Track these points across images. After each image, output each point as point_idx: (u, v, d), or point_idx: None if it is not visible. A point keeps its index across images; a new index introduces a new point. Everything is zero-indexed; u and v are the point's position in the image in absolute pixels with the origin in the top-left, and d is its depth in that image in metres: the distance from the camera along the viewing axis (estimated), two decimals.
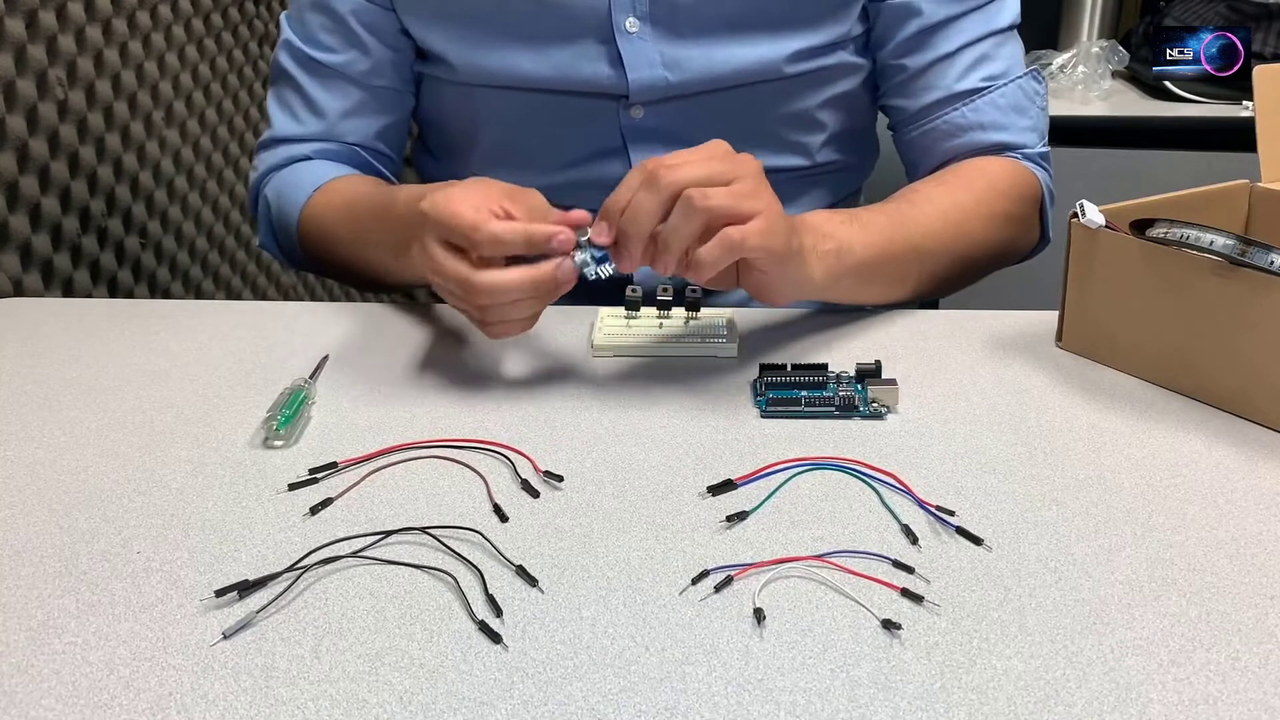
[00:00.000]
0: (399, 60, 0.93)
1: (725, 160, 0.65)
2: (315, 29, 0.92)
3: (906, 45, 0.89)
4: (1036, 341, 0.75)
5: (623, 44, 0.86)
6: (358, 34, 0.90)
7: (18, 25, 0.99)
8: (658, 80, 0.87)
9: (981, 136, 0.89)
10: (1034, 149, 0.90)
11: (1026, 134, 0.90)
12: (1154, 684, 0.44)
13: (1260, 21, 1.60)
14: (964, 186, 0.85)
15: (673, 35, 0.87)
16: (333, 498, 0.57)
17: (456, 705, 0.43)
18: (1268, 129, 0.77)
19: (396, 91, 0.94)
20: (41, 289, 1.02)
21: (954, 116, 0.89)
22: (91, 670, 0.45)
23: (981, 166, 0.87)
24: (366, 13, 0.90)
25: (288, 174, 0.93)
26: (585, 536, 0.54)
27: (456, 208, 0.65)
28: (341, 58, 0.91)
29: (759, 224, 0.63)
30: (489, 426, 0.65)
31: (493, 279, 0.64)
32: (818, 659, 0.45)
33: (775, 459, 0.60)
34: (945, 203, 0.82)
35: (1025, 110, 0.90)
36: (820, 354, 0.74)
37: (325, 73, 0.92)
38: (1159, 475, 0.59)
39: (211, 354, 0.75)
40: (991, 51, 0.89)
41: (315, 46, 0.92)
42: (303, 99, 0.93)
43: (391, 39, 0.91)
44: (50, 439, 0.64)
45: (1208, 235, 0.62)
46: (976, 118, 0.88)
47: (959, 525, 0.54)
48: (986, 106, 0.88)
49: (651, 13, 0.86)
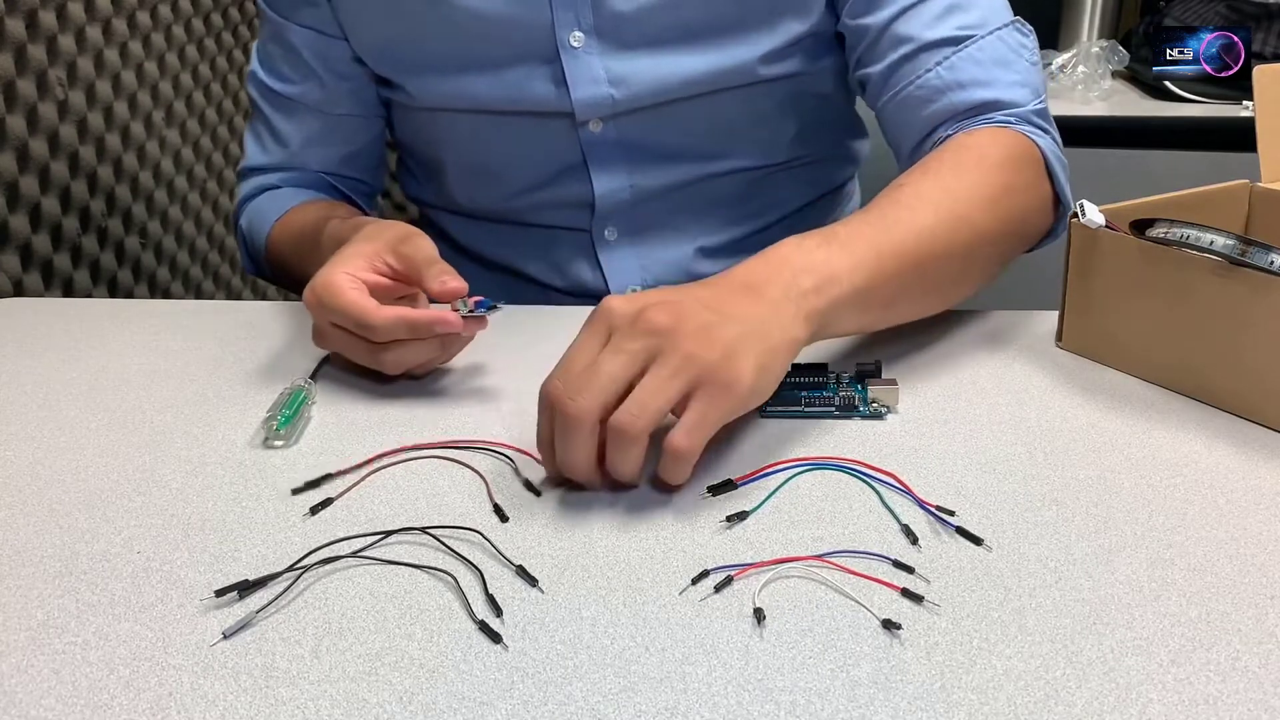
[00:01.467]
0: (356, 88, 0.93)
1: (626, 344, 0.55)
2: (275, 60, 0.93)
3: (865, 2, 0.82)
4: (1036, 341, 0.75)
5: (566, 61, 0.84)
6: (310, 65, 0.91)
7: (18, 25, 0.99)
8: (602, 98, 0.85)
9: (962, 95, 0.78)
10: (1026, 106, 0.78)
11: (1014, 89, 0.78)
12: (1154, 684, 0.44)
13: (1260, 21, 1.60)
14: (951, 169, 0.72)
15: (619, 48, 0.84)
16: (333, 497, 0.57)
17: (456, 705, 0.43)
18: (1268, 129, 0.77)
19: (359, 118, 0.95)
20: (41, 289, 1.02)
21: (928, 78, 0.79)
22: (91, 670, 0.45)
23: (965, 141, 0.75)
24: (317, 43, 0.90)
25: (258, 203, 0.95)
26: (585, 536, 0.54)
27: (337, 299, 0.66)
28: (298, 88, 0.92)
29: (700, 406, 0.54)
30: (489, 426, 0.65)
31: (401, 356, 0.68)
32: (818, 659, 0.45)
33: (775, 459, 0.60)
34: (935, 194, 0.70)
35: (1010, 63, 0.79)
36: (820, 354, 0.74)
37: (285, 104, 0.93)
38: (1159, 475, 0.59)
39: (211, 354, 0.75)
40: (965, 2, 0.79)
41: (275, 77, 0.93)
42: (269, 129, 0.95)
43: (344, 68, 0.91)
44: (50, 439, 0.64)
45: (1208, 235, 0.62)
46: (953, 76, 0.78)
47: (959, 525, 0.54)
48: (963, 62, 0.78)
49: (596, 25, 0.83)
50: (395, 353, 0.67)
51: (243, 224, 0.96)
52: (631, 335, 0.55)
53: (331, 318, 0.67)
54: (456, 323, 0.67)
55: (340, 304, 0.66)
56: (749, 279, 0.60)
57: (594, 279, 0.95)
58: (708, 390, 0.54)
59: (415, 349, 0.68)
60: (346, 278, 0.67)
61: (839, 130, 0.99)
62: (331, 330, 0.68)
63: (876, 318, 0.69)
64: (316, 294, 0.67)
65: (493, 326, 0.68)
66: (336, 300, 0.66)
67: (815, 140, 0.95)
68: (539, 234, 0.96)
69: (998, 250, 0.74)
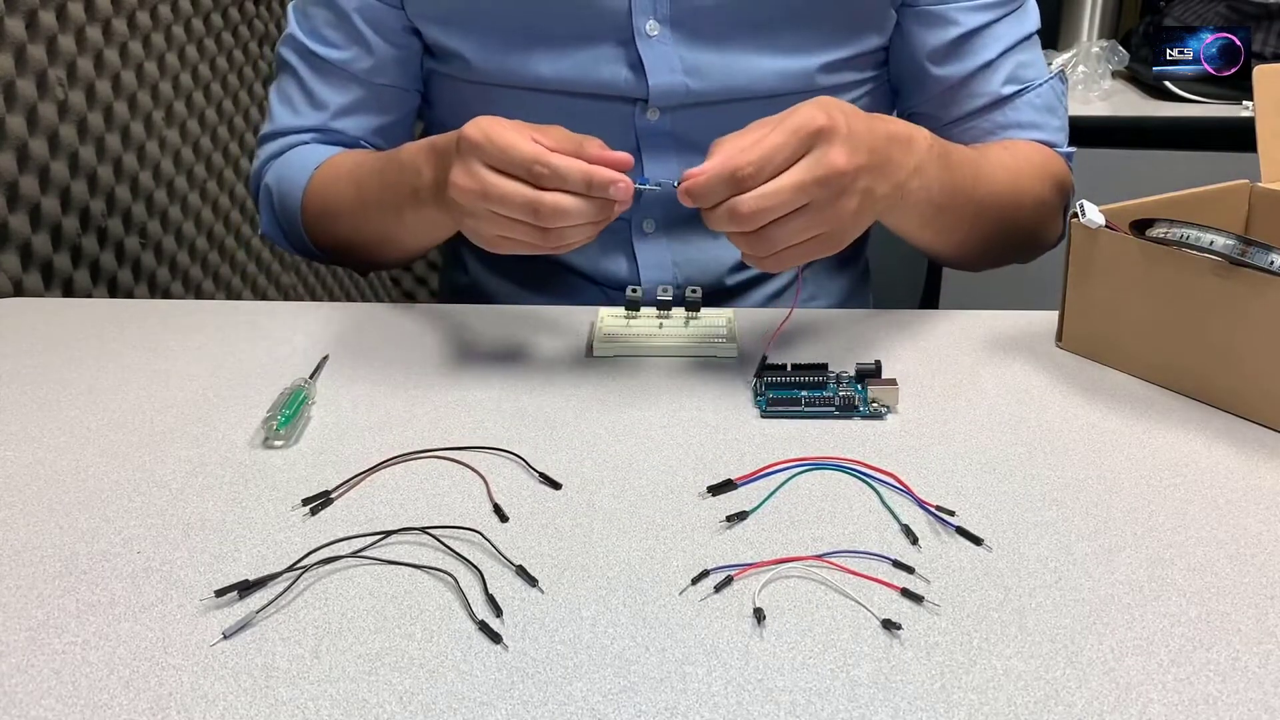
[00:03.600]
0: (403, 58, 0.91)
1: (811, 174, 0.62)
2: (319, 23, 0.91)
3: (944, 54, 0.89)
4: (1036, 341, 0.75)
5: (643, 47, 0.85)
6: (361, 31, 0.89)
7: (18, 25, 0.99)
8: (678, 86, 0.86)
9: (1019, 134, 0.90)
10: (1063, 148, 0.92)
11: (1058, 134, 0.91)
12: (1154, 684, 0.44)
13: (1260, 21, 1.60)
14: (1023, 157, 0.86)
15: (693, 40, 0.85)
16: (332, 496, 0.57)
17: (456, 705, 0.43)
18: (1268, 129, 0.77)
19: (400, 90, 0.93)
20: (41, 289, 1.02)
21: (995, 116, 0.90)
22: (91, 670, 0.45)
23: (1031, 147, 0.89)
24: (371, 10, 0.89)
25: (288, 158, 0.92)
26: (585, 536, 0.54)
27: (510, 135, 0.64)
28: (344, 54, 0.90)
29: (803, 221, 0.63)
30: (489, 426, 0.65)
31: (563, 203, 0.64)
32: (818, 659, 0.45)
33: (775, 459, 0.60)
34: (1010, 166, 0.84)
35: (1056, 110, 0.91)
36: (820, 354, 0.74)
37: (327, 68, 0.91)
38: (1159, 475, 0.59)
39: (211, 354, 0.75)
40: (1027, 56, 0.90)
41: (318, 41, 0.91)
42: (303, 91, 0.92)
43: (396, 37, 0.90)
44: (50, 439, 0.64)
45: (1208, 235, 0.62)
46: (1016, 117, 0.89)
47: (959, 525, 0.54)
48: (1024, 106, 0.89)
49: (672, 15, 0.84)
50: (558, 197, 0.64)
51: (269, 180, 0.93)
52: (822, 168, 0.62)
53: (498, 157, 0.64)
54: (629, 188, 0.64)
55: (516, 141, 0.63)
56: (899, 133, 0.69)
57: (625, 271, 0.94)
58: (819, 217, 0.63)
59: (579, 204, 0.64)
60: (514, 124, 0.65)
61: None
62: (486, 174, 0.65)
63: (927, 234, 0.80)
64: (485, 131, 0.64)
65: (493, 325, 0.69)
66: (511, 137, 0.63)
67: None
68: None
69: (1017, 245, 0.88)
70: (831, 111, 0.63)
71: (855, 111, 0.66)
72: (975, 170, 0.79)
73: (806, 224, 0.63)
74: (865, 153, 0.64)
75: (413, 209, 0.76)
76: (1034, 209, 0.86)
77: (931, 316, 0.80)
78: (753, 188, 0.61)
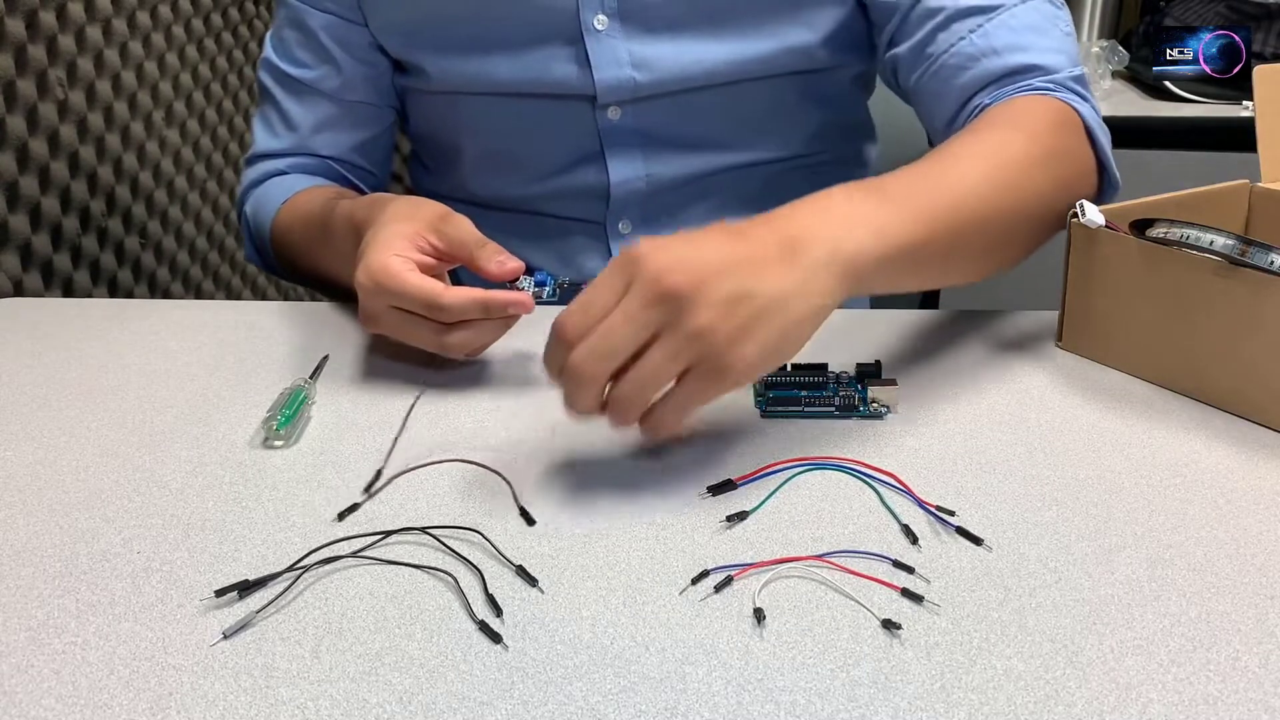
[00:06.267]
0: (373, 75, 0.93)
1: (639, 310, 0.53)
2: (291, 45, 0.92)
3: None
4: (1036, 341, 0.75)
5: (590, 43, 0.85)
6: (329, 49, 0.91)
7: (18, 25, 0.99)
8: (625, 80, 0.86)
9: (998, 61, 0.77)
10: (1063, 72, 0.77)
11: (1050, 54, 0.77)
12: (1154, 684, 0.44)
13: (1260, 21, 1.60)
14: (999, 132, 0.72)
15: (643, 32, 0.85)
16: (359, 503, 0.57)
17: (456, 705, 0.43)
18: (1268, 129, 0.77)
19: (372, 106, 0.94)
20: (41, 289, 1.02)
21: (961, 46, 0.78)
22: (91, 670, 0.45)
23: (1007, 107, 0.75)
24: (337, 28, 0.90)
25: (264, 189, 0.94)
26: (585, 536, 0.54)
27: (401, 279, 0.65)
28: (314, 73, 0.92)
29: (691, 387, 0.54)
30: (488, 426, 0.65)
31: (465, 337, 0.67)
32: (818, 659, 0.45)
33: (775, 459, 0.60)
34: (984, 155, 0.69)
35: (1044, 31, 0.78)
36: (820, 354, 0.74)
37: (299, 88, 0.93)
38: (1159, 475, 0.59)
39: (211, 354, 0.75)
40: None
41: (290, 62, 0.92)
42: (279, 113, 0.94)
43: (364, 53, 0.91)
44: (50, 439, 0.64)
45: (1208, 235, 0.62)
46: (987, 42, 0.78)
47: (959, 525, 0.54)
48: (997, 29, 0.78)
49: (620, 8, 0.84)
50: (462, 334, 0.66)
51: (247, 210, 0.95)
52: (647, 299, 0.53)
53: (392, 300, 0.66)
54: (529, 303, 0.65)
55: (404, 285, 0.64)
56: (791, 232, 0.57)
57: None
58: (703, 372, 0.53)
59: (484, 329, 0.67)
60: (400, 260, 0.66)
61: (853, 130, 1.00)
62: (388, 313, 0.66)
63: (919, 278, 0.65)
64: (374, 277, 0.65)
65: None
66: (398, 282, 0.64)
67: (830, 138, 0.96)
68: (552, 226, 0.96)
69: (1043, 216, 0.71)
70: (642, 244, 0.54)
71: (686, 235, 0.56)
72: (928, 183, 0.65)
73: (662, 359, 0.53)
74: (698, 264, 0.53)
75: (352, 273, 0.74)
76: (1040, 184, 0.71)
77: (931, 316, 0.80)
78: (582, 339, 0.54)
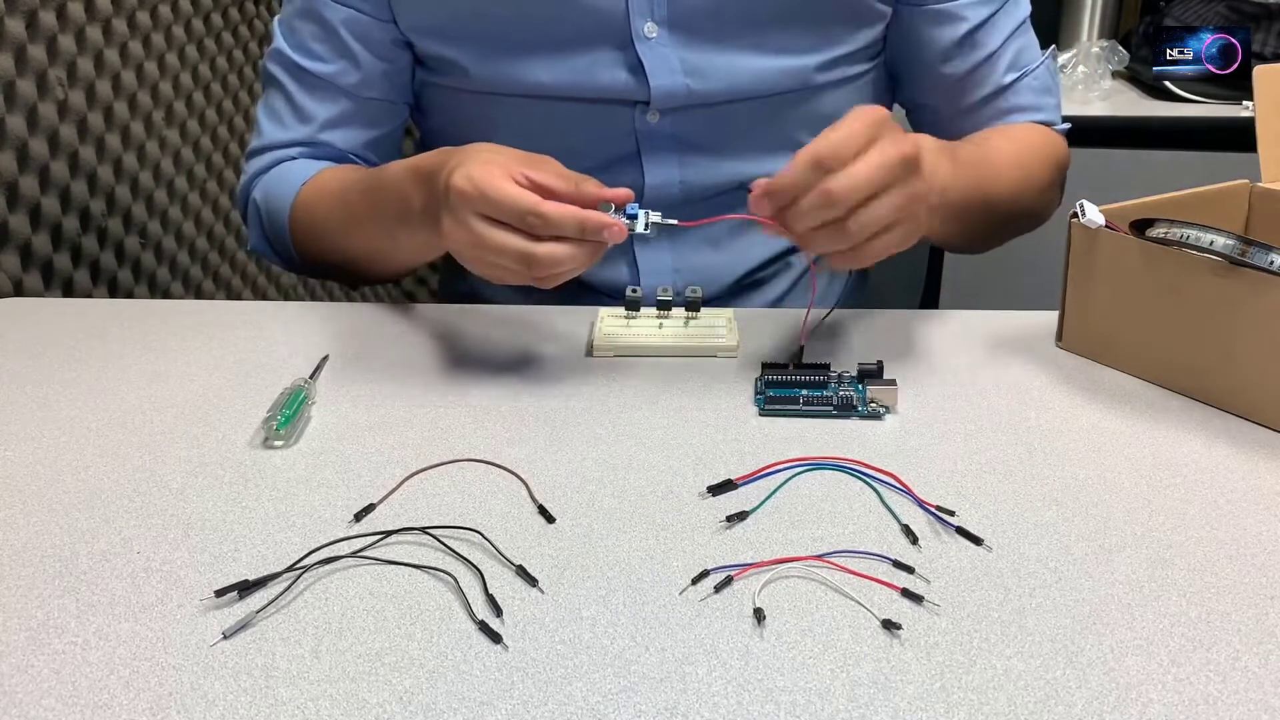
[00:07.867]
0: (391, 72, 0.91)
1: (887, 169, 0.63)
2: (305, 37, 0.90)
3: (952, 50, 0.91)
4: (1036, 341, 0.75)
5: (642, 50, 0.84)
6: (348, 44, 0.89)
7: (18, 25, 0.99)
8: (679, 87, 0.86)
9: (1020, 118, 0.93)
10: (1059, 125, 0.95)
11: (1054, 112, 0.95)
12: (1154, 684, 0.44)
13: (1260, 21, 1.60)
14: (1024, 141, 0.90)
15: (691, 41, 0.85)
16: (375, 503, 0.57)
17: (456, 705, 0.43)
18: (1268, 129, 0.77)
19: (388, 104, 0.93)
20: (41, 289, 1.02)
21: (998, 103, 0.92)
22: (91, 670, 0.45)
23: (1029, 129, 0.92)
24: (358, 24, 0.88)
25: (275, 173, 0.92)
26: (585, 536, 0.54)
27: (500, 185, 0.64)
28: (331, 68, 0.90)
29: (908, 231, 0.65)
30: (488, 426, 0.65)
31: (556, 253, 0.65)
32: (818, 659, 0.45)
33: (775, 459, 0.60)
34: (1014, 153, 0.87)
35: (1051, 90, 0.95)
36: (820, 354, 0.74)
37: (314, 82, 0.90)
38: (1159, 475, 0.59)
39: (211, 354, 0.75)
40: (1024, 41, 0.93)
41: (305, 55, 0.90)
42: (290, 106, 0.92)
43: (385, 51, 0.90)
44: (50, 439, 0.64)
45: (1208, 235, 0.62)
46: (1016, 101, 0.92)
47: (959, 525, 0.54)
48: (1024, 90, 0.92)
49: (670, 17, 0.84)
50: (551, 247, 0.65)
51: (256, 197, 0.93)
52: (902, 154, 0.63)
53: (489, 208, 0.64)
54: (623, 230, 0.65)
55: (506, 190, 0.64)
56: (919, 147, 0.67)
57: (626, 277, 0.94)
58: (905, 230, 0.65)
59: (572, 250, 0.65)
60: (503, 170, 0.65)
61: None
62: (479, 222, 0.65)
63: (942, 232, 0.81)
64: (475, 183, 0.64)
65: (492, 325, 0.68)
66: (499, 186, 0.64)
67: None
68: None
69: (1027, 218, 0.91)
70: (880, 110, 0.65)
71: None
72: (981, 166, 0.81)
73: (889, 207, 0.63)
74: (923, 145, 0.67)
75: (404, 231, 0.76)
76: (1038, 194, 0.90)
77: (931, 316, 0.80)
78: (839, 170, 0.62)
